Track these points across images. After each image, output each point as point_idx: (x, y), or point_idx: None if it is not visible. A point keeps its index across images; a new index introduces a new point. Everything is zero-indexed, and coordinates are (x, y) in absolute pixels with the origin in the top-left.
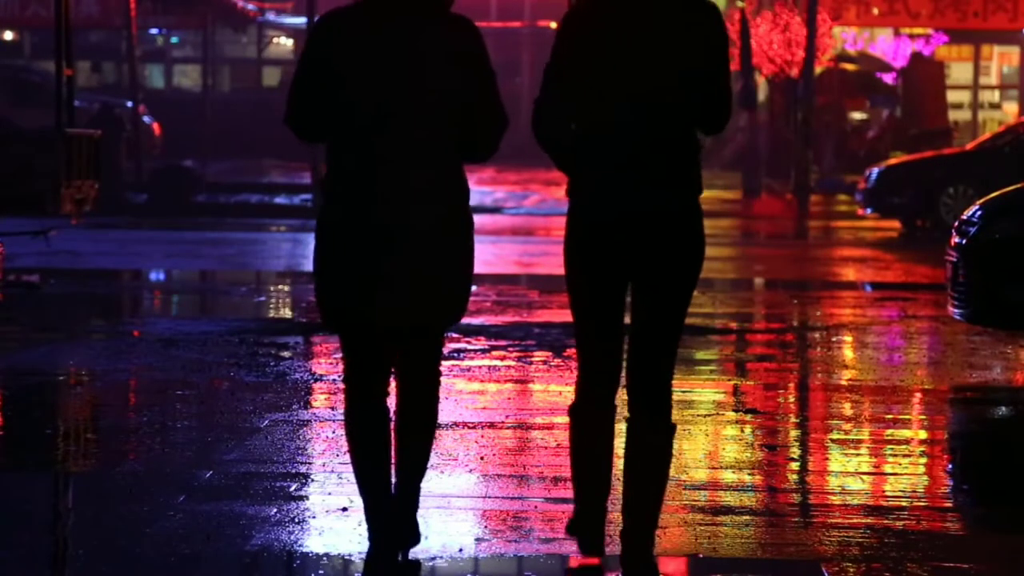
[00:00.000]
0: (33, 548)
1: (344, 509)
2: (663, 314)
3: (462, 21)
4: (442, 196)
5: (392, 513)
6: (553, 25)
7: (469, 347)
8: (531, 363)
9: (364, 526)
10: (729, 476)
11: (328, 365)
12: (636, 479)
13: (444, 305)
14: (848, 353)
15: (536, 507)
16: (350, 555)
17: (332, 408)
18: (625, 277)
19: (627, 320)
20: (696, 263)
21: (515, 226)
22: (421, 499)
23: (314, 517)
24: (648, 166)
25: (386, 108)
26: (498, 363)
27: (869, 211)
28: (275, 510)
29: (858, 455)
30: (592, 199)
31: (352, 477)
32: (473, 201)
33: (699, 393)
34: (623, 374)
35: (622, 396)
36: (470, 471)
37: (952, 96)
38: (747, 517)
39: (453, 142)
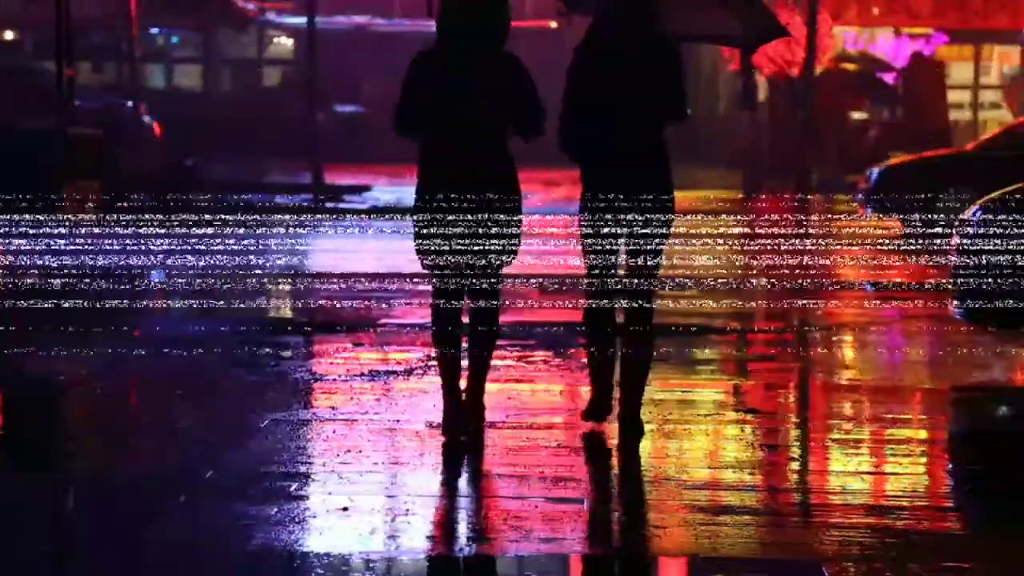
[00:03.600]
0: (33, 548)
1: (344, 509)
2: (646, 254)
3: (509, 57)
4: (498, 170)
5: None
6: (553, 25)
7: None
8: (531, 363)
9: (364, 524)
10: (729, 476)
11: (328, 365)
12: (629, 358)
13: (503, 243)
14: (848, 353)
15: (536, 507)
16: (351, 554)
17: (332, 408)
18: (618, 226)
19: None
20: (667, 220)
21: None
22: (422, 498)
23: (315, 517)
24: (634, 154)
25: (458, 115)
26: (498, 363)
27: (869, 211)
28: (275, 510)
29: (858, 455)
30: (597, 183)
31: (352, 477)
32: None
33: (699, 393)
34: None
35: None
36: (470, 471)
37: (952, 96)
38: (748, 517)
39: (505, 136)
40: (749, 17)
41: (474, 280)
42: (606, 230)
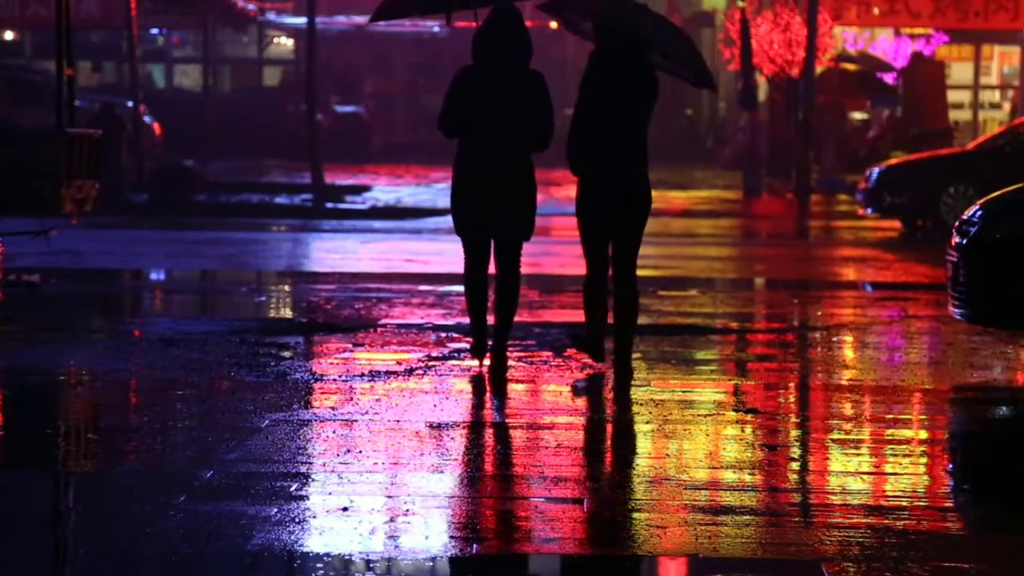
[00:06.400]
0: (33, 548)
1: (345, 509)
2: (633, 234)
3: (533, 74)
4: (519, 166)
5: (491, 345)
6: (554, 25)
7: (470, 347)
8: (531, 363)
9: (364, 524)
10: (729, 476)
11: (328, 365)
12: (620, 318)
13: (521, 222)
14: (848, 353)
15: (536, 507)
16: (350, 555)
17: (332, 408)
18: (611, 216)
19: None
20: (647, 208)
21: None
22: (422, 498)
23: (315, 517)
24: (624, 161)
25: (491, 119)
26: None
27: (869, 211)
28: (275, 510)
29: (858, 455)
30: (594, 179)
31: (352, 477)
32: None
33: (699, 393)
34: (609, 275)
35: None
36: (470, 471)
37: (952, 96)
38: (748, 517)
39: (527, 139)
40: (699, 64)
41: (499, 246)
42: (601, 220)
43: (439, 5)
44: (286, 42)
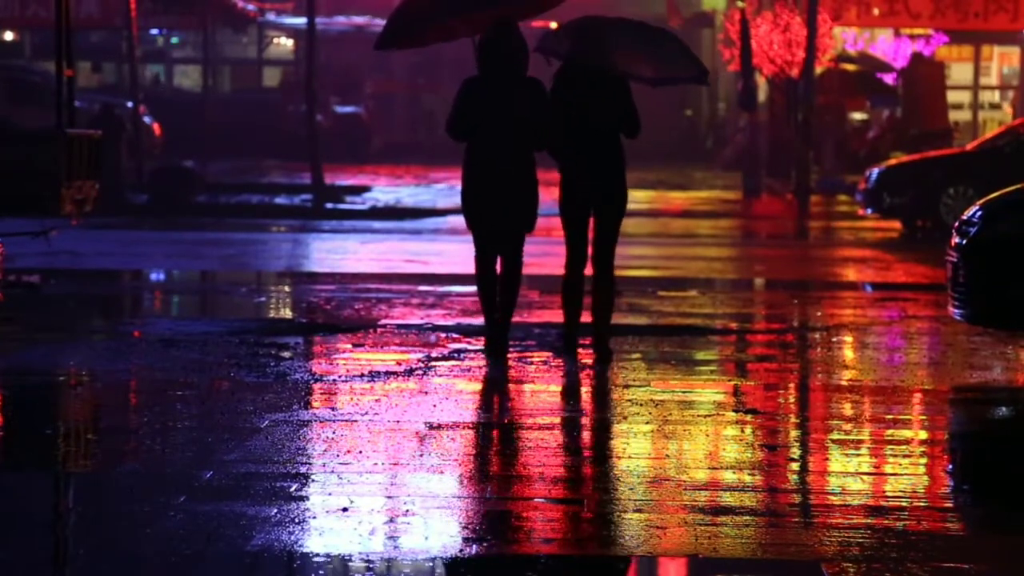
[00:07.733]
0: (33, 548)
1: (344, 509)
2: (609, 230)
3: (533, 81)
4: (522, 166)
5: (498, 329)
6: (553, 25)
7: (469, 347)
8: (531, 363)
9: (364, 525)
10: (729, 476)
11: (328, 365)
12: (598, 304)
13: (523, 219)
14: (848, 353)
15: (536, 507)
16: (350, 555)
17: (332, 408)
18: (589, 211)
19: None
20: (623, 206)
21: None
22: (422, 498)
23: (314, 517)
24: (601, 158)
25: (493, 124)
26: None
27: (869, 211)
28: (275, 510)
29: (858, 455)
30: (574, 178)
31: (351, 478)
32: None
33: (699, 393)
34: (588, 270)
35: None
36: (470, 471)
37: (952, 96)
38: (747, 517)
39: (527, 140)
40: (691, 58)
41: (505, 237)
42: (581, 222)
43: (442, 33)
44: (286, 42)
